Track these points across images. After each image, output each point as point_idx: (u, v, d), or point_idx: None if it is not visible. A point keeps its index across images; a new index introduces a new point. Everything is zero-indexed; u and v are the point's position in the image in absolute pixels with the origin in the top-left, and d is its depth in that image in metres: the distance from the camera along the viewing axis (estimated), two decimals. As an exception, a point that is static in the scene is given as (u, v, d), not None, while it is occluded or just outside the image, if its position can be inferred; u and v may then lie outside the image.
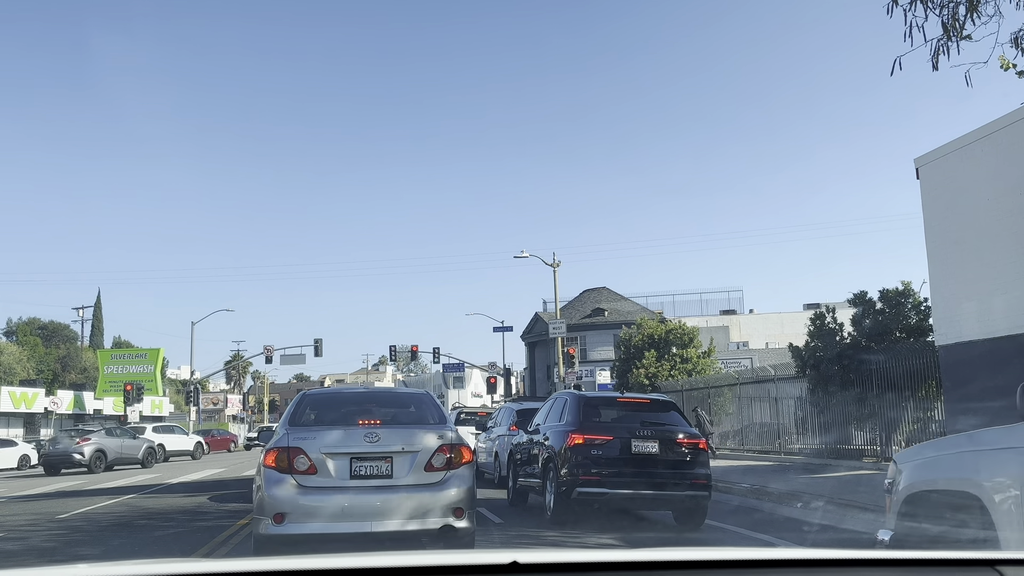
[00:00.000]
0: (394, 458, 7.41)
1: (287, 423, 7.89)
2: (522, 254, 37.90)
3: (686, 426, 11.78)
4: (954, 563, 2.16)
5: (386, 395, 10.38)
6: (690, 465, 11.22)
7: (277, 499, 7.10)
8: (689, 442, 11.38)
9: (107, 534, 10.17)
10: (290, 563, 1.92)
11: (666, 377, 31.44)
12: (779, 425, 22.44)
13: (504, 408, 18.98)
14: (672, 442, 11.25)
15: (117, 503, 14.52)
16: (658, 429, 11.34)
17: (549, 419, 12.58)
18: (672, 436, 11.31)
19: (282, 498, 7.09)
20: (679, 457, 11.22)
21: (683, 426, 11.70)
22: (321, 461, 7.25)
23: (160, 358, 58.92)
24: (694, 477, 11.12)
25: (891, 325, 18.83)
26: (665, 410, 11.95)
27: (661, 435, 11.23)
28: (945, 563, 2.16)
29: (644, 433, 11.18)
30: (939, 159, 15.96)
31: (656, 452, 11.11)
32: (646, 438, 11.15)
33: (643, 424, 11.36)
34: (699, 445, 11.47)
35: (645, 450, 11.10)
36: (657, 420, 11.59)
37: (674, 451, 11.22)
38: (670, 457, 11.14)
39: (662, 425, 11.49)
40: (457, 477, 7.58)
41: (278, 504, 7.08)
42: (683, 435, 11.42)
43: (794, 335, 59.70)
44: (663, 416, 11.76)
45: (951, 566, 2.14)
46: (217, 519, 11.48)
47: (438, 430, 7.82)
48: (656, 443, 11.13)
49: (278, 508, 7.03)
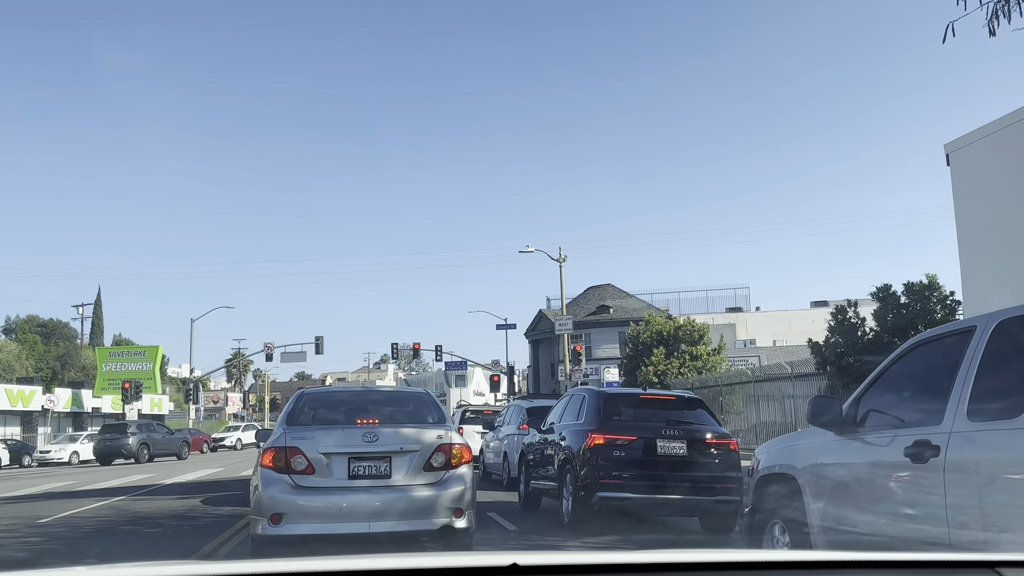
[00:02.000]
0: (393, 458, 7.32)
1: (284, 422, 7.75)
2: (528, 248, 37.13)
3: (715, 425, 10.96)
4: (953, 564, 2.16)
5: (384, 394, 9.97)
6: (721, 467, 10.41)
7: (274, 499, 7.00)
8: (719, 442, 10.58)
9: (86, 542, 9.40)
10: (290, 564, 1.93)
11: (676, 375, 30.64)
12: (795, 424, 21.65)
13: (513, 406, 18.08)
14: (701, 442, 10.44)
15: (104, 506, 13.71)
16: (685, 428, 10.52)
17: (565, 417, 11.77)
18: (701, 436, 10.51)
19: (279, 499, 6.99)
20: (709, 459, 10.41)
21: (712, 425, 10.88)
22: (319, 461, 7.16)
23: (159, 356, 58.09)
24: (725, 481, 10.31)
25: (916, 320, 18.01)
26: (692, 408, 11.14)
27: (689, 435, 10.42)
28: (944, 564, 2.16)
29: (670, 433, 10.36)
30: (971, 144, 15.11)
31: (684, 453, 10.29)
32: (673, 438, 10.33)
33: (669, 423, 10.54)
34: (730, 446, 10.66)
35: (672, 451, 10.28)
36: (684, 419, 10.77)
37: (703, 452, 10.41)
38: (699, 459, 10.33)
39: (689, 424, 10.68)
40: (456, 477, 7.47)
41: (275, 505, 6.97)
42: (713, 435, 10.61)
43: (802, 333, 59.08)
44: (690, 414, 10.94)
45: (950, 567, 2.15)
46: (208, 525, 10.68)
47: (437, 429, 7.70)
48: (684, 443, 10.32)
49: (275, 509, 6.95)
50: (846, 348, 18.42)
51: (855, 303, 18.94)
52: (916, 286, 17.84)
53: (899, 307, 18.01)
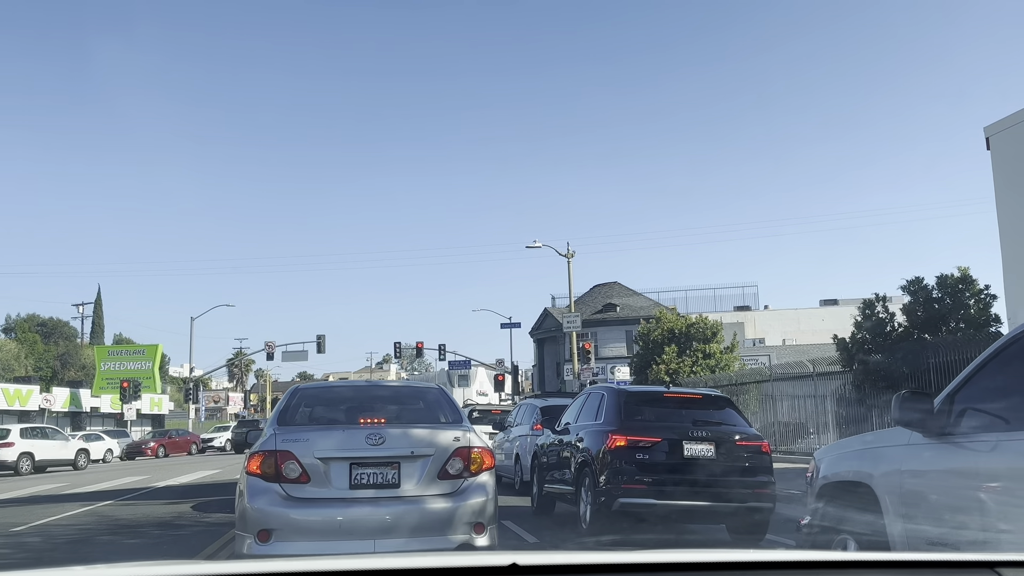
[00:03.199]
0: (402, 464, 6.33)
1: (275, 422, 6.76)
2: (535, 243, 36.19)
3: (745, 425, 10.07)
4: (953, 565, 2.15)
5: (392, 389, 8.75)
6: (752, 471, 9.54)
7: (262, 513, 6.03)
8: (750, 444, 9.72)
9: (57, 554, 8.52)
10: (290, 565, 1.93)
11: (688, 373, 29.70)
12: (818, 424, 20.72)
13: (525, 405, 17.10)
14: (731, 444, 9.56)
15: (86, 512, 12.82)
16: (714, 429, 9.63)
17: (582, 417, 10.88)
18: (730, 437, 9.63)
19: (268, 512, 6.03)
20: (739, 462, 9.54)
21: (742, 426, 9.99)
22: (315, 467, 6.17)
23: (158, 354, 57.31)
24: (756, 485, 9.44)
25: (948, 315, 17.07)
26: (720, 407, 10.25)
27: (717, 436, 9.54)
28: (944, 565, 2.15)
29: (698, 434, 9.47)
30: (1013, 127, 14.23)
31: (712, 456, 9.40)
32: (700, 439, 9.44)
33: (696, 423, 9.65)
34: (762, 448, 9.77)
35: (699, 454, 9.39)
36: (711, 418, 9.89)
37: (733, 455, 9.53)
38: (728, 462, 9.45)
39: (718, 424, 9.79)
40: (477, 486, 6.50)
41: (263, 519, 6.01)
42: (743, 436, 9.75)
43: (811, 332, 58.49)
44: (718, 414, 10.05)
45: (950, 568, 2.13)
46: (194, 535, 9.80)
47: (453, 430, 6.70)
48: (712, 445, 9.43)
49: (263, 524, 6.00)
50: (874, 344, 17.47)
51: (884, 297, 17.99)
52: (950, 279, 16.89)
53: (930, 301, 17.06)
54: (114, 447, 39.51)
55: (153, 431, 46.11)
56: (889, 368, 17.04)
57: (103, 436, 40.48)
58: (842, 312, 57.53)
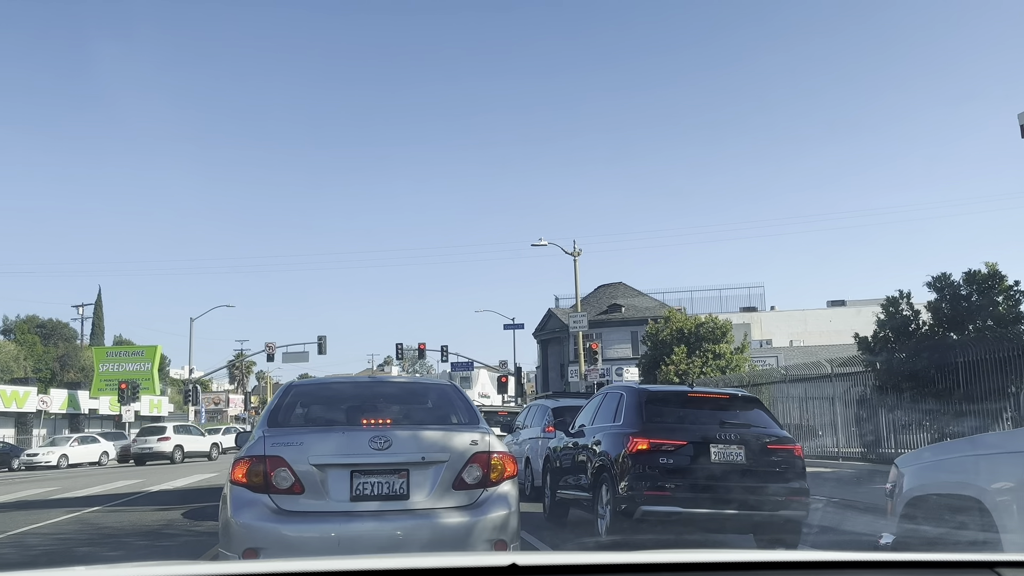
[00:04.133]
0: (411, 471, 5.52)
1: (265, 423, 5.95)
2: (540, 242, 35.45)
3: (776, 428, 9.35)
4: (953, 565, 2.13)
5: (398, 386, 7.74)
6: (784, 477, 8.82)
7: (248, 529, 5.25)
8: (782, 447, 9.00)
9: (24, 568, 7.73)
10: (290, 565, 1.92)
11: (698, 374, 28.97)
12: (835, 426, 19.98)
13: (535, 406, 16.30)
14: (762, 448, 8.85)
15: (70, 519, 12.10)
16: (743, 431, 8.92)
17: (599, 419, 10.17)
18: (761, 440, 8.91)
19: (255, 528, 5.23)
20: (771, 467, 8.83)
21: (773, 428, 9.27)
22: (310, 475, 5.37)
23: (157, 356, 56.70)
24: (789, 492, 8.71)
25: (975, 312, 16.34)
26: (748, 407, 9.53)
27: (747, 438, 8.82)
28: (944, 565, 2.13)
29: (726, 436, 8.75)
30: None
31: (742, 460, 8.69)
32: (729, 442, 8.72)
33: (723, 425, 8.93)
34: (795, 451, 9.05)
35: (728, 458, 8.67)
36: (740, 420, 9.18)
37: (764, 459, 8.82)
38: (760, 467, 8.75)
39: (747, 426, 9.07)
40: (498, 498, 5.69)
41: (249, 536, 5.22)
42: (774, 439, 9.03)
43: (818, 333, 57.68)
44: (747, 415, 9.34)
45: (950, 568, 2.11)
46: (181, 546, 9.09)
47: (470, 432, 5.87)
48: (742, 449, 8.72)
49: (250, 542, 5.23)
50: (898, 343, 16.74)
51: (908, 294, 17.25)
52: (978, 276, 16.15)
53: (958, 298, 16.32)
54: (110, 449, 38.89)
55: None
56: (914, 367, 16.31)
57: (99, 438, 39.88)
58: (851, 313, 56.96)
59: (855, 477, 15.74)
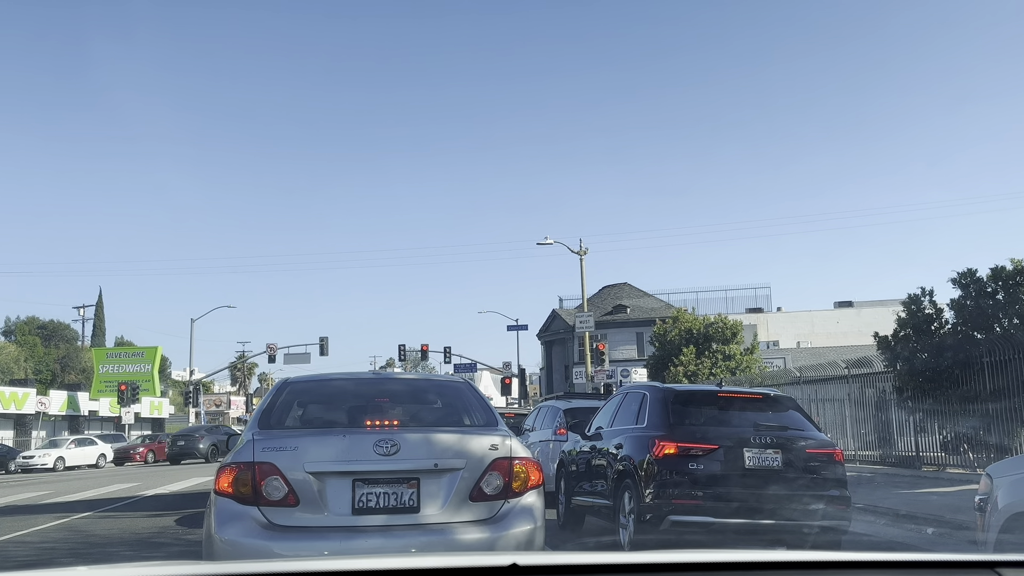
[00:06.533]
0: (422, 480, 4.86)
1: (256, 424, 5.26)
2: (546, 240, 34.85)
3: (814, 430, 8.73)
4: (953, 565, 2.13)
5: (406, 383, 6.80)
6: (824, 484, 8.22)
7: (235, 547, 4.57)
8: (822, 452, 8.38)
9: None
10: (290, 565, 1.93)
11: (707, 375, 28.38)
12: (850, 428, 19.35)
13: (545, 407, 15.63)
14: (799, 452, 8.24)
15: (59, 525, 11.48)
16: (779, 434, 8.30)
17: (618, 420, 9.56)
18: (798, 444, 8.30)
19: (242, 545, 4.57)
20: (810, 473, 8.21)
21: (810, 430, 8.66)
22: (306, 485, 4.71)
23: (158, 357, 56.13)
24: (830, 500, 8.10)
25: (1001, 310, 15.70)
26: (783, 409, 8.91)
27: (783, 442, 8.21)
28: (944, 565, 2.13)
29: (761, 440, 8.13)
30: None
31: (778, 466, 8.08)
32: (764, 447, 8.10)
33: (757, 428, 8.31)
34: (835, 456, 8.42)
35: (764, 463, 8.06)
36: (775, 422, 8.57)
37: (802, 464, 8.21)
38: (797, 473, 8.13)
39: (783, 429, 8.45)
40: (521, 510, 5.00)
41: (236, 555, 4.52)
42: (813, 443, 8.41)
43: (825, 334, 56.95)
44: (782, 417, 8.72)
45: (950, 568, 2.12)
46: (173, 556, 8.47)
47: (488, 435, 5.18)
48: (778, 454, 8.10)
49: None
50: (920, 342, 16.10)
51: (931, 291, 16.63)
52: (1005, 272, 15.51)
53: (983, 295, 15.68)
54: (107, 452, 38.27)
55: (142, 435, 44.49)
56: (937, 367, 15.68)
57: (96, 440, 39.25)
58: (858, 314, 56.35)
59: (871, 480, 15.15)
